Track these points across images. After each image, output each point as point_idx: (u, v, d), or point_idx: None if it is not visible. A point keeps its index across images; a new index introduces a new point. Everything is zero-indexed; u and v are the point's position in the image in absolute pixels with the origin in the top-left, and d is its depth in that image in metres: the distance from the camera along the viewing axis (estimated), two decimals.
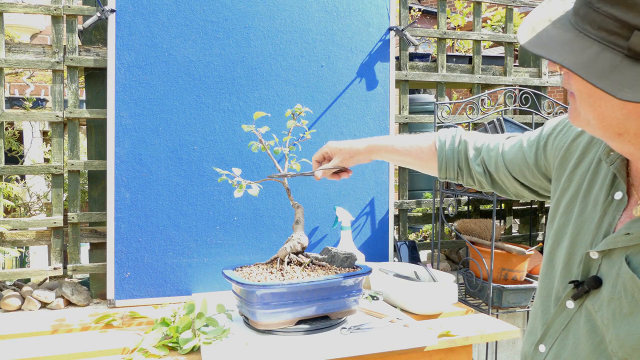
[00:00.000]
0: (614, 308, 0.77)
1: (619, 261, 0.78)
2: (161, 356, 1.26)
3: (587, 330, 0.83)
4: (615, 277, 0.78)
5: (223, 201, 1.78)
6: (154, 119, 1.72)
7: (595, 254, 0.82)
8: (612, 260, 0.80)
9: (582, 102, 0.73)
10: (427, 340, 1.36)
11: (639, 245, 0.75)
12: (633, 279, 0.74)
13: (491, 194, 1.79)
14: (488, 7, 3.41)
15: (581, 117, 0.76)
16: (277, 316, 1.29)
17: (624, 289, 0.76)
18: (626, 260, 0.76)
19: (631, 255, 0.76)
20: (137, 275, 1.70)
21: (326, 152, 1.33)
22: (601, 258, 0.82)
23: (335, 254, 1.49)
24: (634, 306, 0.74)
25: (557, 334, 0.89)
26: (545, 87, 2.39)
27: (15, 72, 2.99)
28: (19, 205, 2.17)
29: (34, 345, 1.33)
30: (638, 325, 0.74)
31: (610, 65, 0.63)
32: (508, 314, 2.04)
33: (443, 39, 2.20)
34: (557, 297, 0.91)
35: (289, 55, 1.85)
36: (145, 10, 1.70)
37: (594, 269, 0.83)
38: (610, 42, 0.64)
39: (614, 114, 0.70)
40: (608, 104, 0.69)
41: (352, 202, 1.92)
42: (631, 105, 0.67)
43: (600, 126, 0.73)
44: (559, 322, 0.90)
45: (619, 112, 0.70)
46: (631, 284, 0.75)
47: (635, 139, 0.73)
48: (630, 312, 0.75)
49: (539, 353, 0.93)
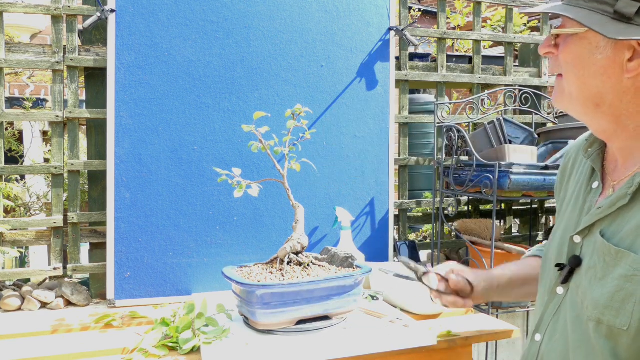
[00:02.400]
0: (590, 277, 0.84)
1: (595, 235, 0.86)
2: (161, 356, 1.26)
3: (570, 308, 0.88)
4: (592, 249, 0.86)
5: (223, 201, 1.78)
6: (154, 119, 1.72)
7: (578, 238, 0.91)
8: (590, 238, 0.88)
9: (568, 74, 0.86)
10: (427, 340, 1.36)
11: (610, 217, 0.84)
12: (603, 244, 0.83)
13: (491, 194, 1.79)
14: (488, 7, 3.41)
15: (565, 93, 0.89)
16: (277, 316, 1.29)
17: (597, 257, 0.84)
18: (600, 234, 0.85)
19: (605, 228, 0.85)
20: (137, 275, 1.70)
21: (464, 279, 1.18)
22: (583, 240, 0.90)
23: (335, 254, 1.49)
24: (606, 269, 0.81)
25: (549, 320, 0.94)
26: (545, 87, 2.39)
27: (15, 72, 2.99)
28: (19, 205, 2.17)
29: (34, 345, 1.33)
30: (608, 285, 0.80)
31: (601, 21, 0.79)
32: (508, 314, 2.04)
33: (443, 39, 2.20)
34: (549, 286, 0.96)
35: (289, 55, 1.85)
36: (145, 10, 1.70)
37: (577, 252, 0.90)
38: (600, 10, 0.80)
39: (594, 81, 0.83)
40: (590, 71, 0.83)
41: (352, 202, 1.92)
42: (611, 70, 0.81)
43: (582, 97, 0.86)
44: (550, 309, 0.94)
45: (599, 79, 0.83)
46: (602, 249, 0.83)
47: (610, 109, 0.84)
48: (603, 275, 0.82)
49: (535, 342, 0.97)
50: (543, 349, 0.93)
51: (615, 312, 0.78)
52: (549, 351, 0.91)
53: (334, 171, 1.90)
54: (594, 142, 0.97)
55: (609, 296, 0.79)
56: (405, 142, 2.18)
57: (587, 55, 0.83)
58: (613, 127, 0.86)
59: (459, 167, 2.03)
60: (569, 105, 0.89)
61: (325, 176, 1.89)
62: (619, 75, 0.81)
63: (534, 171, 1.78)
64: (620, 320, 0.77)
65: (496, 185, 1.77)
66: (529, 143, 2.04)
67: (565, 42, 0.86)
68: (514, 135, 2.04)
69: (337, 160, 1.90)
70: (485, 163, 1.83)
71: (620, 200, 0.82)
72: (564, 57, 0.86)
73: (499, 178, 1.77)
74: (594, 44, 0.82)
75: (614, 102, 0.83)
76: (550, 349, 0.91)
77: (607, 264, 0.81)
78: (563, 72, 0.88)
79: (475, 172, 1.86)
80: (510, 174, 1.75)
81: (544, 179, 1.79)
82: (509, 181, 1.74)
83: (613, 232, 0.83)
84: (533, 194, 1.87)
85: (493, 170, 1.77)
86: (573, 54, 0.85)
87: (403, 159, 2.16)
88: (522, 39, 2.35)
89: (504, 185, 1.76)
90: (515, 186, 1.76)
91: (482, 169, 1.85)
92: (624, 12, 0.77)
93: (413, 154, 2.40)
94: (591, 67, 0.83)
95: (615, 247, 0.80)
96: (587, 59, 0.83)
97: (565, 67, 0.86)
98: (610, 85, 0.82)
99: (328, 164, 1.89)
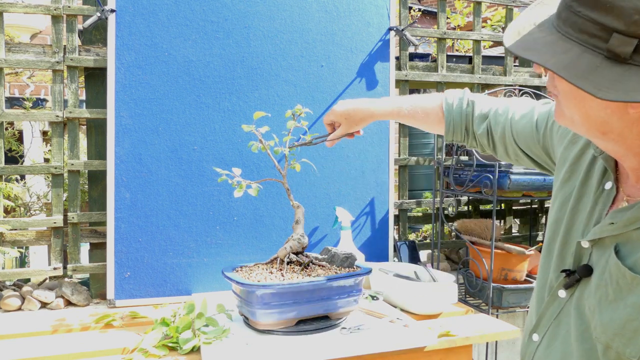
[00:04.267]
0: (600, 295, 0.79)
1: (608, 250, 0.80)
2: (161, 356, 1.26)
3: (575, 318, 0.85)
4: (604, 265, 0.80)
5: (223, 201, 1.78)
6: (154, 119, 1.72)
7: (586, 243, 0.85)
8: (602, 249, 0.82)
9: (567, 102, 0.76)
10: (427, 340, 1.36)
11: (626, 234, 0.77)
12: (617, 266, 0.76)
13: (491, 194, 1.79)
14: (488, 7, 3.41)
15: (566, 116, 0.78)
16: (277, 316, 1.29)
17: (609, 277, 0.78)
18: (615, 249, 0.78)
19: (620, 244, 0.78)
20: (137, 275, 1.70)
21: (332, 120, 1.32)
22: (592, 247, 0.84)
23: (335, 254, 1.49)
24: (618, 293, 0.76)
25: (549, 323, 0.92)
26: (545, 87, 2.39)
27: (15, 72, 2.99)
28: (19, 205, 2.17)
29: (34, 345, 1.33)
30: (620, 312, 0.75)
31: (591, 66, 0.65)
32: (508, 314, 2.04)
33: (443, 39, 2.20)
34: (550, 286, 0.93)
35: (289, 55, 1.85)
36: (145, 10, 1.70)
37: (585, 258, 0.85)
38: (591, 45, 0.66)
39: (598, 113, 0.72)
40: (592, 104, 0.72)
41: (352, 202, 1.92)
42: (614, 104, 0.70)
43: (585, 125, 0.76)
44: (551, 311, 0.92)
45: (603, 112, 0.72)
46: (616, 271, 0.77)
47: (619, 138, 0.75)
48: (614, 298, 0.77)
49: (532, 342, 0.95)
50: (540, 352, 0.91)
51: (625, 341, 0.74)
52: (547, 356, 0.89)
53: (334, 171, 1.90)
54: None
55: (620, 323, 0.75)
56: (405, 142, 2.18)
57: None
58: (623, 151, 0.79)
59: (459, 167, 2.03)
60: (572, 128, 0.81)
61: (325, 176, 1.89)
62: (623, 109, 0.71)
63: (534, 171, 1.78)
64: (630, 351, 0.74)
65: (496, 185, 1.77)
66: None
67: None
68: None
69: (337, 160, 1.90)
70: (485, 163, 1.83)
71: (637, 222, 0.76)
72: (560, 86, 0.76)
73: (499, 178, 1.77)
74: None
75: (623, 131, 0.74)
76: (549, 354, 0.89)
77: (621, 288, 0.76)
78: (561, 97, 0.77)
79: (475, 172, 1.87)
80: (510, 174, 1.75)
81: (544, 179, 1.79)
82: (509, 181, 1.75)
83: (628, 251, 0.77)
84: (533, 194, 1.87)
85: (493, 170, 1.77)
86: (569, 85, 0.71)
87: (403, 158, 2.16)
88: None
89: (504, 185, 1.76)
90: (515, 186, 1.76)
91: (482, 168, 1.85)
92: (617, 52, 0.64)
93: (413, 153, 2.40)
94: (591, 101, 0.71)
95: (631, 273, 0.74)
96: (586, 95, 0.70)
97: (564, 96, 0.76)
98: (617, 118, 0.72)
99: (328, 164, 1.89)
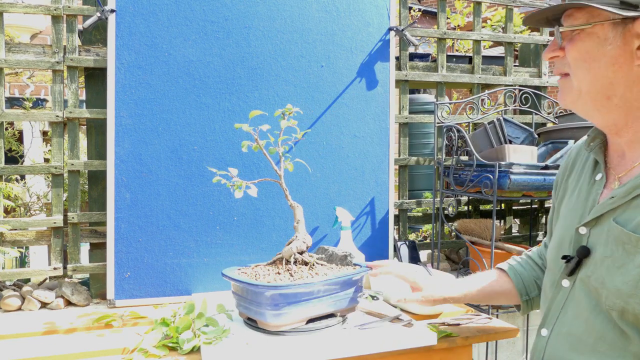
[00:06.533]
0: (607, 265, 0.84)
1: (607, 224, 0.87)
2: (161, 356, 1.26)
3: (583, 298, 0.88)
4: (605, 238, 0.86)
5: (223, 201, 1.78)
6: (154, 119, 1.72)
7: (584, 229, 0.91)
8: (599, 228, 0.88)
9: (578, 70, 0.88)
10: (427, 340, 1.36)
11: (622, 206, 0.85)
12: (622, 232, 0.83)
13: (491, 194, 1.79)
14: (488, 7, 3.41)
15: (573, 90, 0.90)
16: (288, 316, 1.28)
17: (615, 245, 0.84)
18: (614, 221, 0.85)
19: (617, 217, 0.85)
20: (137, 275, 1.70)
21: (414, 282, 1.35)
22: (589, 231, 0.90)
23: (333, 252, 1.49)
24: (625, 257, 0.82)
25: (557, 315, 0.95)
26: (545, 87, 2.39)
27: (15, 72, 2.99)
28: (19, 205, 2.17)
29: (34, 345, 1.33)
30: (631, 273, 0.80)
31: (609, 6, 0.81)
32: (508, 314, 2.04)
33: (443, 39, 2.20)
34: (554, 280, 0.96)
35: (289, 55, 1.85)
36: (145, 10, 1.70)
37: (584, 242, 0.91)
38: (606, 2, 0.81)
39: (606, 72, 0.85)
40: (601, 63, 0.85)
41: (352, 202, 1.92)
42: (622, 59, 0.83)
43: (591, 92, 0.87)
44: (557, 303, 0.95)
45: (610, 70, 0.84)
46: (620, 237, 0.83)
47: (622, 101, 0.86)
48: (622, 263, 0.82)
49: (541, 337, 0.97)
50: (550, 343, 0.93)
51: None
52: (556, 345, 0.91)
53: (334, 171, 1.90)
54: (596, 137, 0.99)
55: (632, 284, 0.79)
56: (405, 142, 2.18)
57: (597, 49, 0.85)
58: (623, 120, 0.88)
59: (459, 167, 2.03)
60: (578, 101, 0.91)
61: (325, 176, 1.89)
62: (629, 64, 0.83)
63: (534, 171, 1.78)
64: None
65: (496, 185, 1.77)
66: (529, 143, 2.04)
67: (572, 41, 0.88)
68: (514, 135, 2.04)
69: (337, 160, 1.90)
70: (485, 163, 1.83)
71: (636, 189, 0.83)
72: (572, 55, 0.88)
73: (499, 178, 1.77)
74: (602, 36, 0.84)
75: (624, 93, 0.85)
76: (557, 342, 0.91)
77: (627, 251, 0.81)
78: (571, 70, 0.89)
79: (475, 172, 1.86)
80: (510, 174, 1.75)
81: (544, 179, 1.79)
82: (509, 181, 1.74)
83: (626, 219, 0.84)
84: (533, 194, 1.87)
85: (493, 170, 1.77)
86: (582, 50, 0.87)
87: (403, 158, 2.16)
88: (522, 39, 2.35)
89: (504, 185, 1.76)
90: (515, 186, 1.76)
91: (482, 168, 1.85)
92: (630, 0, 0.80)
93: (413, 153, 2.40)
94: (601, 59, 0.85)
95: (636, 235, 0.80)
96: (597, 52, 0.85)
97: (574, 64, 0.88)
98: (622, 75, 0.84)
99: (328, 164, 1.89)
